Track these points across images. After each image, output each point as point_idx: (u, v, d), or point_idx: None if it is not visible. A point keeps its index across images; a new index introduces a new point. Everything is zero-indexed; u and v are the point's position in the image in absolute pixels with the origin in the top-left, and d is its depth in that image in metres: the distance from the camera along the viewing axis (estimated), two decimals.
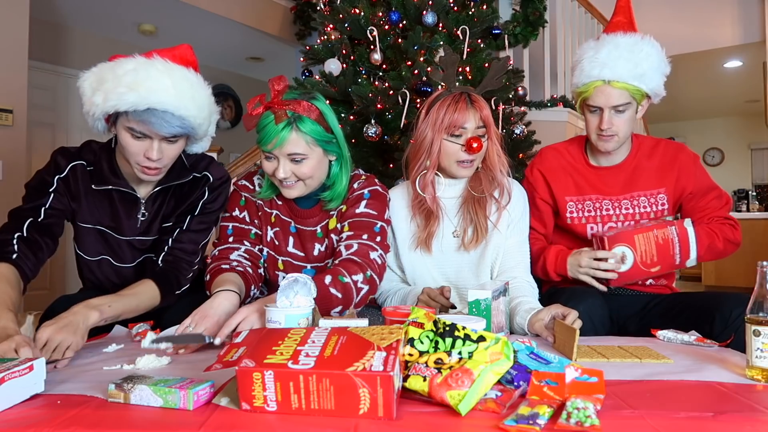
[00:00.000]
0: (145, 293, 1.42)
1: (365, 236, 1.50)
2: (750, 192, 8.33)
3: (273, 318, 1.12)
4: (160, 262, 1.52)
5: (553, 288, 1.76)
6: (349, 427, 0.73)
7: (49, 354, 1.08)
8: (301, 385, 0.77)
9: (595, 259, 1.60)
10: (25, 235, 1.39)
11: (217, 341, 1.20)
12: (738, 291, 1.50)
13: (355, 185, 1.57)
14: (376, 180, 1.62)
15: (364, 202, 1.54)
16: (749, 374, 0.99)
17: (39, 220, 1.43)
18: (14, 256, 1.35)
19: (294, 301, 1.15)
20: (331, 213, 1.57)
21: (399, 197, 1.70)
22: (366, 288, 1.43)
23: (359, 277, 1.41)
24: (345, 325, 0.98)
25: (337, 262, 1.46)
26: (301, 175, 1.44)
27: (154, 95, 1.32)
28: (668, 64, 1.69)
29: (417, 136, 1.61)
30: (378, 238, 1.52)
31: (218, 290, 1.37)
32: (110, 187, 1.50)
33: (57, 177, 1.49)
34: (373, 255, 1.48)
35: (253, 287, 1.52)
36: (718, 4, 5.98)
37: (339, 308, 1.38)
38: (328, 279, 1.36)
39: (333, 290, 1.35)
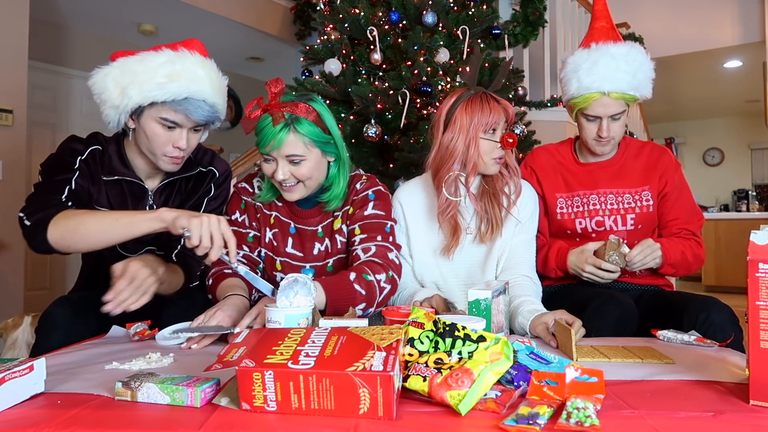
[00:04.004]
0: (178, 271, 1.49)
1: (379, 237, 1.51)
2: (750, 192, 8.33)
3: (273, 318, 1.12)
4: (173, 257, 1.56)
5: (559, 286, 1.77)
6: (349, 427, 0.73)
7: (133, 288, 1.25)
8: (301, 385, 0.77)
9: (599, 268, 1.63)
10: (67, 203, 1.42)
11: (237, 330, 1.22)
12: (738, 291, 1.50)
13: (358, 186, 1.57)
14: (377, 180, 1.63)
15: (371, 204, 1.55)
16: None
17: (73, 188, 1.45)
18: (70, 204, 1.42)
19: (294, 301, 1.15)
20: (335, 213, 1.58)
21: (415, 199, 1.70)
22: (388, 288, 1.44)
23: (382, 277, 1.43)
24: (345, 325, 0.98)
25: (356, 264, 1.47)
26: (300, 176, 1.45)
27: (194, 84, 1.40)
28: (653, 69, 1.74)
29: (442, 145, 1.59)
30: (390, 238, 1.54)
31: (229, 294, 1.40)
32: (118, 177, 1.52)
33: (79, 158, 1.49)
34: (391, 256, 1.50)
35: (254, 291, 1.54)
36: (718, 4, 5.98)
37: (362, 305, 1.38)
38: (352, 275, 1.38)
39: (357, 286, 1.37)
